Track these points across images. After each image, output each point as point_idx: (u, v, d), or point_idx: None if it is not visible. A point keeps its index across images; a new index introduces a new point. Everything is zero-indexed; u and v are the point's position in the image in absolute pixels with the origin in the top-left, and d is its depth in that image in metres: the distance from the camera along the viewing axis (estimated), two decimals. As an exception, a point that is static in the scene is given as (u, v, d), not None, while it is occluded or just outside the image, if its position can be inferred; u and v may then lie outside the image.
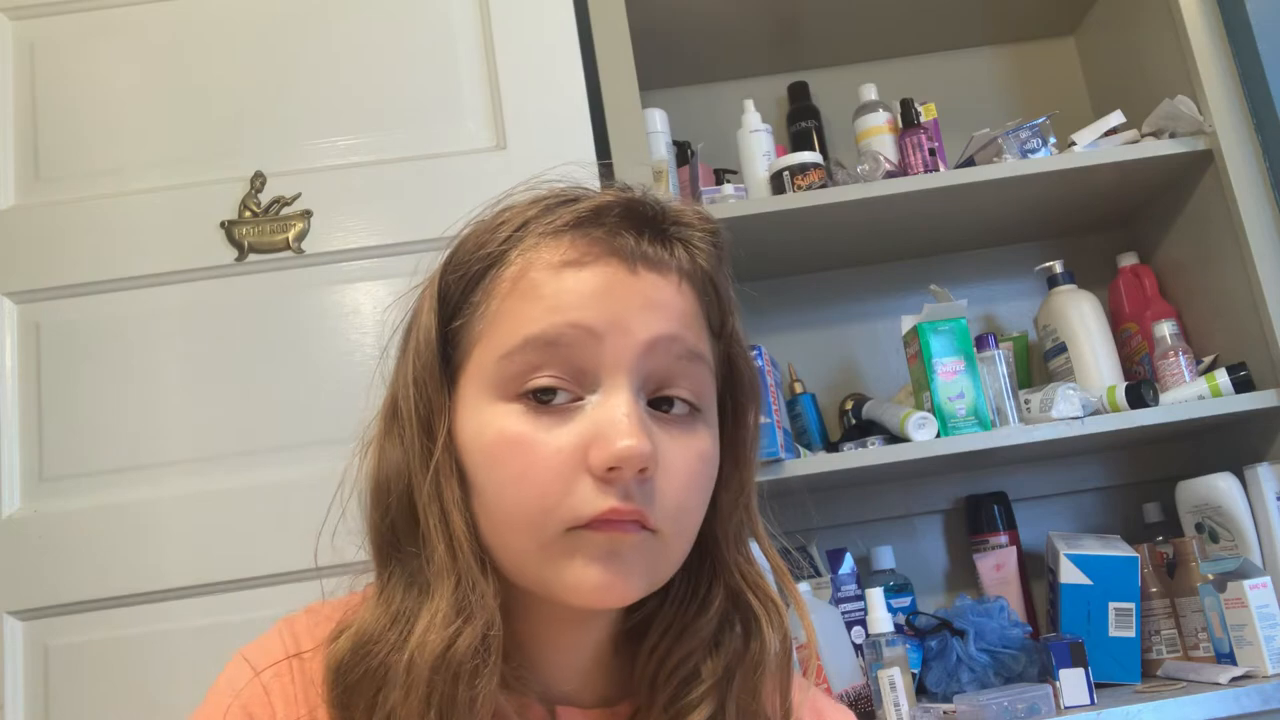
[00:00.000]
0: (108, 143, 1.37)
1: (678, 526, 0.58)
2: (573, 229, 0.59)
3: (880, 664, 1.28)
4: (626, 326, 0.57)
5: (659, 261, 0.59)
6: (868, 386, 1.73)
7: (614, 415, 0.55)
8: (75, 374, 1.31)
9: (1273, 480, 1.43)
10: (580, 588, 0.55)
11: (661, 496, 0.56)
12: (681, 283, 0.60)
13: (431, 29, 1.42)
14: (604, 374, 0.56)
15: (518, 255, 0.59)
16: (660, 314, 0.58)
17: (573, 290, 0.57)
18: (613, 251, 0.58)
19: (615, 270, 0.58)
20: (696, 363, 0.59)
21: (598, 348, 0.56)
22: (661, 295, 0.58)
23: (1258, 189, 1.48)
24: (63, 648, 1.24)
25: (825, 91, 1.80)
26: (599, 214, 0.59)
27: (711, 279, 0.62)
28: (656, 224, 0.61)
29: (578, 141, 1.38)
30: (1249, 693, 1.25)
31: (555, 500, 0.55)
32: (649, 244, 0.59)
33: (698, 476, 0.59)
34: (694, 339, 0.59)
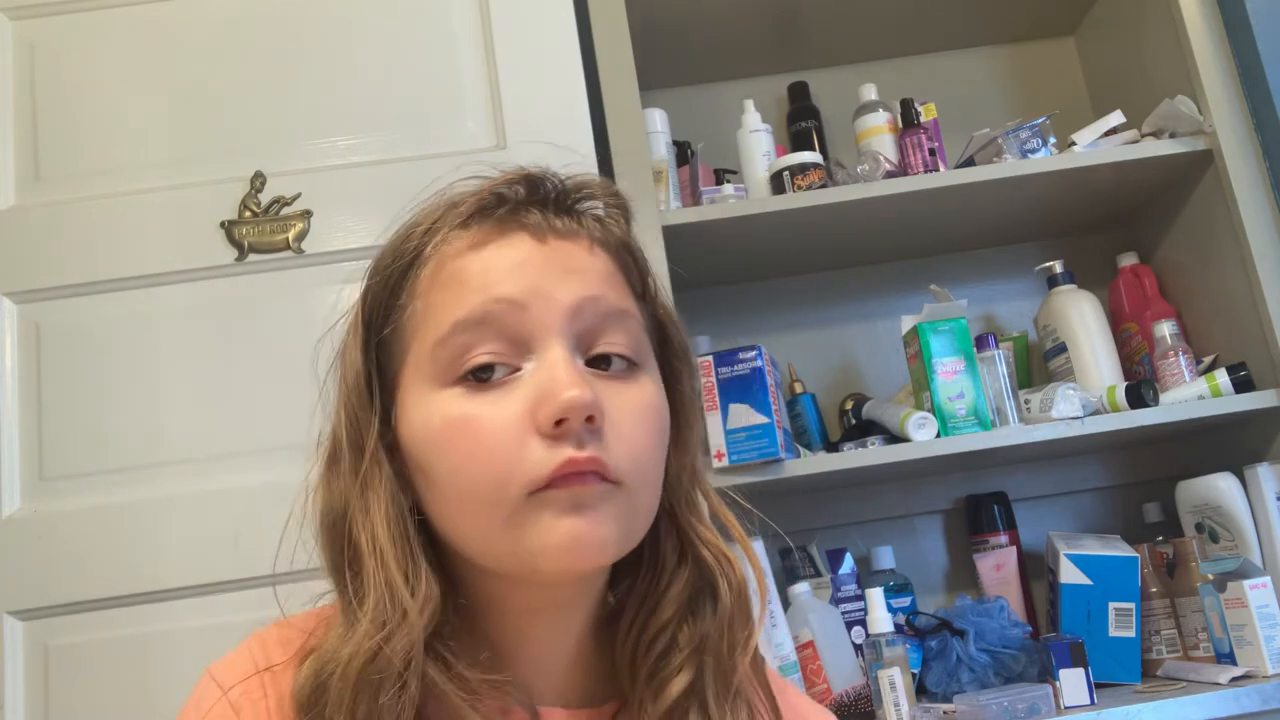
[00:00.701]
0: (108, 143, 1.38)
1: (639, 475, 0.58)
2: (479, 215, 0.61)
3: (880, 664, 1.28)
4: (548, 293, 0.58)
5: (568, 231, 0.61)
6: (868, 386, 1.73)
7: (552, 373, 0.56)
8: (75, 374, 1.31)
9: (1273, 480, 1.43)
10: (551, 544, 0.55)
11: (616, 445, 0.57)
12: (594, 247, 0.62)
13: (431, 29, 1.42)
14: (535, 341, 0.57)
15: (432, 251, 0.61)
16: (578, 277, 0.59)
17: (491, 268, 0.59)
18: (521, 227, 0.60)
19: (526, 243, 0.60)
20: (625, 318, 0.60)
21: (524, 317, 0.57)
22: (576, 261, 0.60)
23: (1258, 189, 1.48)
24: (63, 648, 1.24)
25: (825, 91, 1.80)
26: (500, 197, 0.61)
27: (625, 244, 0.64)
28: (561, 200, 0.63)
29: (578, 141, 1.38)
30: (1249, 693, 1.25)
31: (510, 468, 0.55)
32: (555, 217, 0.61)
33: (647, 423, 0.60)
34: (616, 297, 0.61)
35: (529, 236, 0.60)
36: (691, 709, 0.62)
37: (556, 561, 0.55)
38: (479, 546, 0.58)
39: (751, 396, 1.36)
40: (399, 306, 0.61)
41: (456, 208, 0.61)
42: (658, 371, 0.64)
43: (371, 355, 0.62)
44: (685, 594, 0.64)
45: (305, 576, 0.66)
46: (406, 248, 0.62)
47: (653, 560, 0.65)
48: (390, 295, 0.62)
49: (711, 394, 1.37)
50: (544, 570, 0.56)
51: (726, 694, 0.63)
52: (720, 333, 1.70)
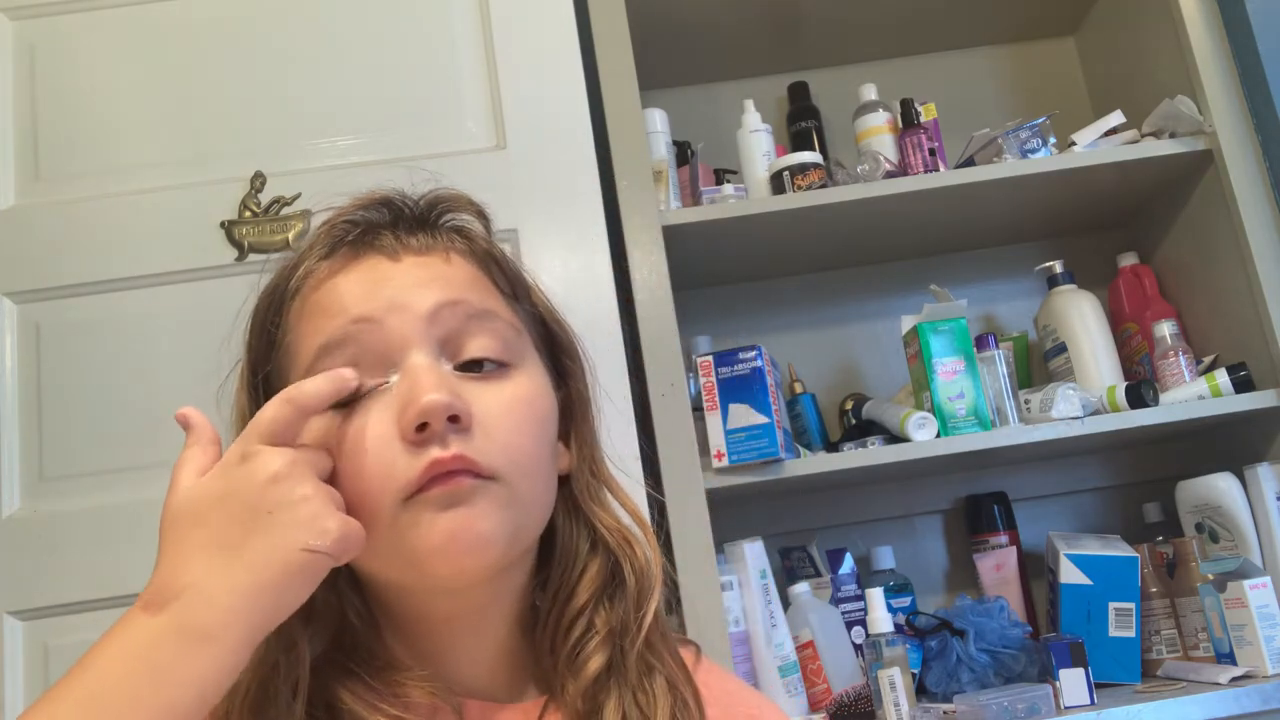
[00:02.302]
0: (108, 143, 1.38)
1: (516, 468, 0.59)
2: (337, 246, 0.62)
3: (880, 664, 1.28)
4: (403, 304, 0.59)
5: (422, 248, 0.62)
6: (868, 386, 1.73)
7: (412, 380, 0.57)
8: (75, 374, 1.31)
9: (1273, 480, 1.43)
10: (432, 544, 0.56)
11: (486, 441, 0.58)
12: (451, 256, 0.63)
13: (431, 29, 1.42)
14: (396, 353, 0.59)
15: (296, 284, 0.63)
16: (434, 286, 0.61)
17: (346, 291, 0.60)
18: (375, 250, 0.62)
19: (379, 262, 0.61)
20: (489, 319, 0.61)
21: (383, 332, 0.59)
22: (431, 271, 0.61)
23: (1258, 189, 1.48)
24: (63, 648, 1.24)
25: (825, 91, 1.80)
26: (354, 224, 0.63)
27: (486, 250, 0.65)
28: (416, 218, 0.64)
29: (578, 141, 1.38)
30: (1249, 693, 1.25)
31: (383, 478, 0.56)
32: (409, 236, 0.63)
33: (521, 417, 0.60)
34: (480, 299, 0.62)
35: (383, 258, 0.61)
36: (610, 689, 0.63)
37: (443, 560, 0.57)
38: (375, 563, 0.60)
39: (751, 396, 1.36)
40: (274, 344, 0.63)
41: (315, 242, 0.63)
42: (540, 368, 0.65)
43: (259, 395, 0.64)
44: (598, 580, 0.66)
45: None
46: (277, 286, 0.64)
47: (564, 551, 0.67)
48: (266, 334, 0.64)
49: (711, 394, 1.37)
50: (437, 572, 0.57)
51: (647, 673, 0.65)
52: (720, 333, 1.70)
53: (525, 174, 1.36)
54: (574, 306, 1.30)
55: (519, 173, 1.36)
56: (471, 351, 0.60)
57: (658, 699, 0.64)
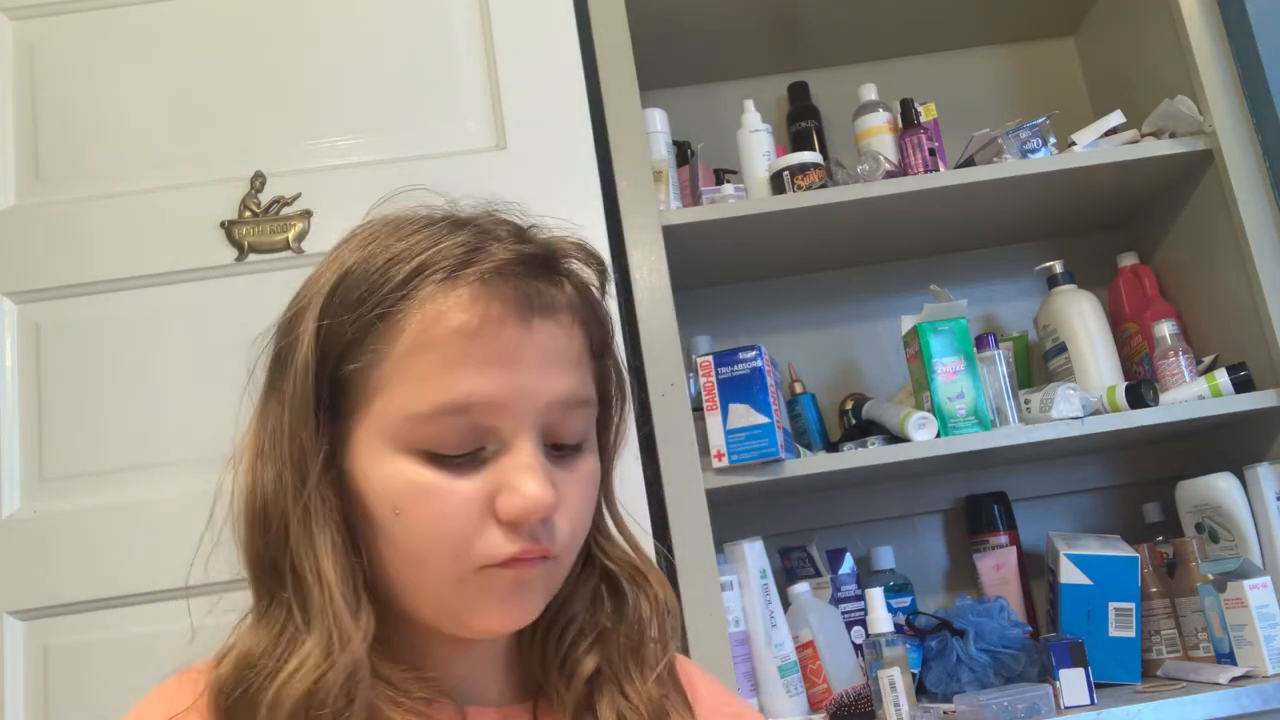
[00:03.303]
0: (108, 143, 1.38)
1: (575, 544, 0.63)
2: (463, 278, 0.59)
3: (880, 664, 1.28)
4: (528, 391, 0.59)
5: (550, 305, 0.61)
6: (868, 386, 1.73)
7: (518, 471, 0.58)
8: (75, 374, 1.31)
9: (1273, 480, 1.43)
10: (489, 618, 0.60)
11: (561, 529, 0.61)
12: (573, 323, 0.63)
13: (431, 29, 1.42)
14: (506, 431, 0.59)
15: (416, 309, 0.59)
16: (556, 371, 0.61)
17: (475, 356, 0.58)
18: (508, 305, 0.59)
19: (513, 329, 0.59)
20: (586, 407, 0.63)
21: (502, 412, 0.59)
22: (556, 345, 0.61)
23: (1258, 189, 1.48)
24: (63, 648, 1.24)
25: (825, 91, 1.80)
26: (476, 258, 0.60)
27: (594, 307, 0.65)
28: (545, 262, 0.62)
29: (578, 141, 1.38)
30: (1249, 693, 1.25)
31: (467, 544, 0.58)
32: (540, 284, 0.61)
33: (589, 501, 0.64)
34: (583, 385, 0.63)
35: (516, 319, 0.59)
36: (603, 692, 0.66)
37: (490, 629, 0.61)
38: (418, 600, 0.61)
39: (751, 396, 1.36)
40: (369, 350, 0.59)
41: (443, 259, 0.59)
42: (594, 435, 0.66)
43: (324, 384, 0.60)
44: (588, 594, 0.68)
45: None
46: (383, 289, 0.59)
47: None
48: (358, 334, 0.59)
49: (711, 394, 1.37)
50: (474, 631, 0.61)
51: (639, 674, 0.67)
52: (720, 333, 1.70)
53: (525, 174, 1.36)
54: (574, 306, 1.31)
55: (519, 173, 1.36)
56: (565, 438, 0.62)
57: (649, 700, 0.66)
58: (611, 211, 1.39)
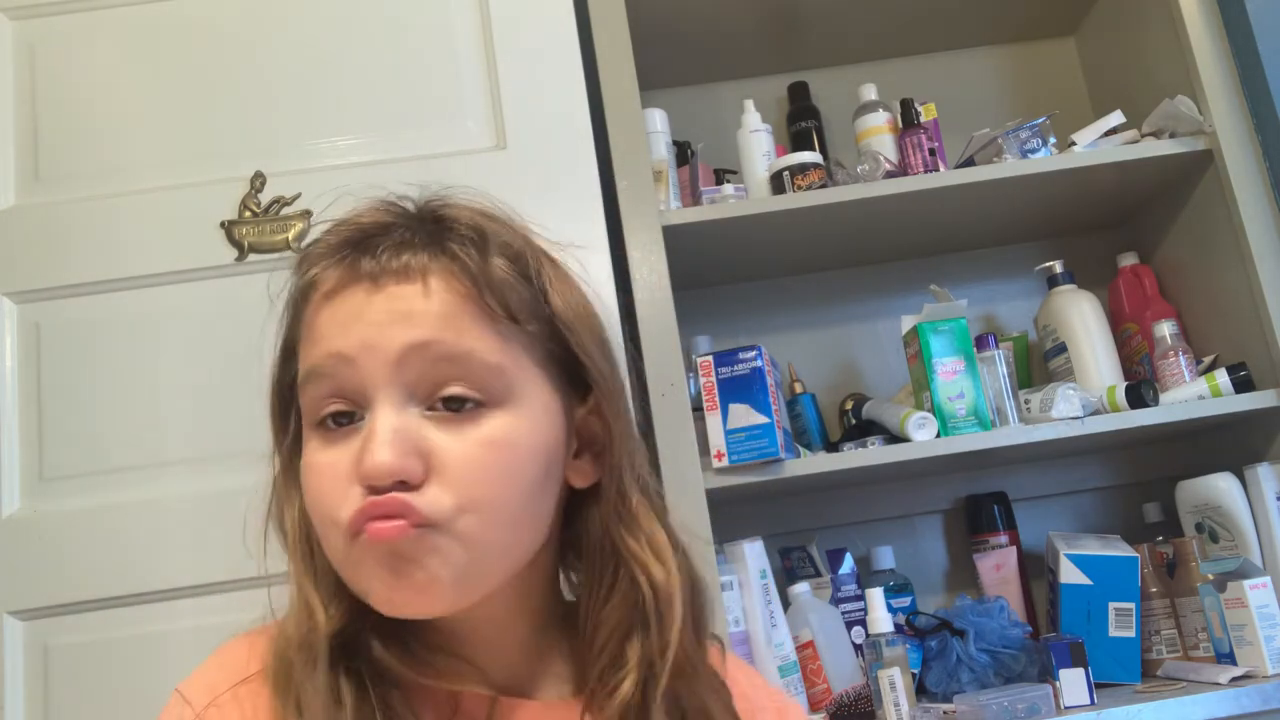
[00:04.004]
0: (107, 143, 1.37)
1: (476, 518, 0.58)
2: (336, 259, 0.62)
3: (880, 664, 1.28)
4: (374, 345, 0.59)
5: (403, 272, 0.60)
6: (868, 386, 1.73)
7: (369, 433, 0.58)
8: (75, 374, 1.31)
9: (1273, 480, 1.43)
10: (375, 594, 0.58)
11: (439, 493, 0.57)
12: (430, 284, 0.60)
13: (431, 29, 1.42)
14: (367, 394, 0.59)
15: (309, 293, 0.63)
16: (406, 324, 0.59)
17: (328, 321, 0.61)
18: (360, 274, 0.61)
19: (362, 293, 0.60)
20: (464, 360, 0.60)
21: (355, 371, 0.59)
22: (407, 305, 0.60)
23: (1258, 189, 1.48)
24: (63, 648, 1.24)
25: (825, 91, 1.80)
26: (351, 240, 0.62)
27: (481, 272, 0.61)
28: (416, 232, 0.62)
29: (578, 141, 1.38)
30: (1249, 693, 1.25)
31: (334, 510, 0.58)
32: (395, 256, 0.61)
33: (485, 464, 0.59)
34: (455, 337, 0.60)
35: (366, 284, 0.60)
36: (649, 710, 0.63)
37: (387, 609, 0.59)
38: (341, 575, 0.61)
39: (751, 396, 1.36)
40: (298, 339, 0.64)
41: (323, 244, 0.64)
42: (540, 397, 0.63)
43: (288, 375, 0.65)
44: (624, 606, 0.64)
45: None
46: (295, 281, 0.65)
47: (590, 567, 0.66)
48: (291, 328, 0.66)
49: (711, 394, 1.37)
50: (387, 611, 0.59)
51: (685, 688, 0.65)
52: (720, 333, 1.70)
53: (525, 174, 1.36)
54: (574, 306, 1.30)
55: (519, 173, 1.36)
56: (445, 393, 0.59)
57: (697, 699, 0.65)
58: (611, 211, 1.39)
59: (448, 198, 0.66)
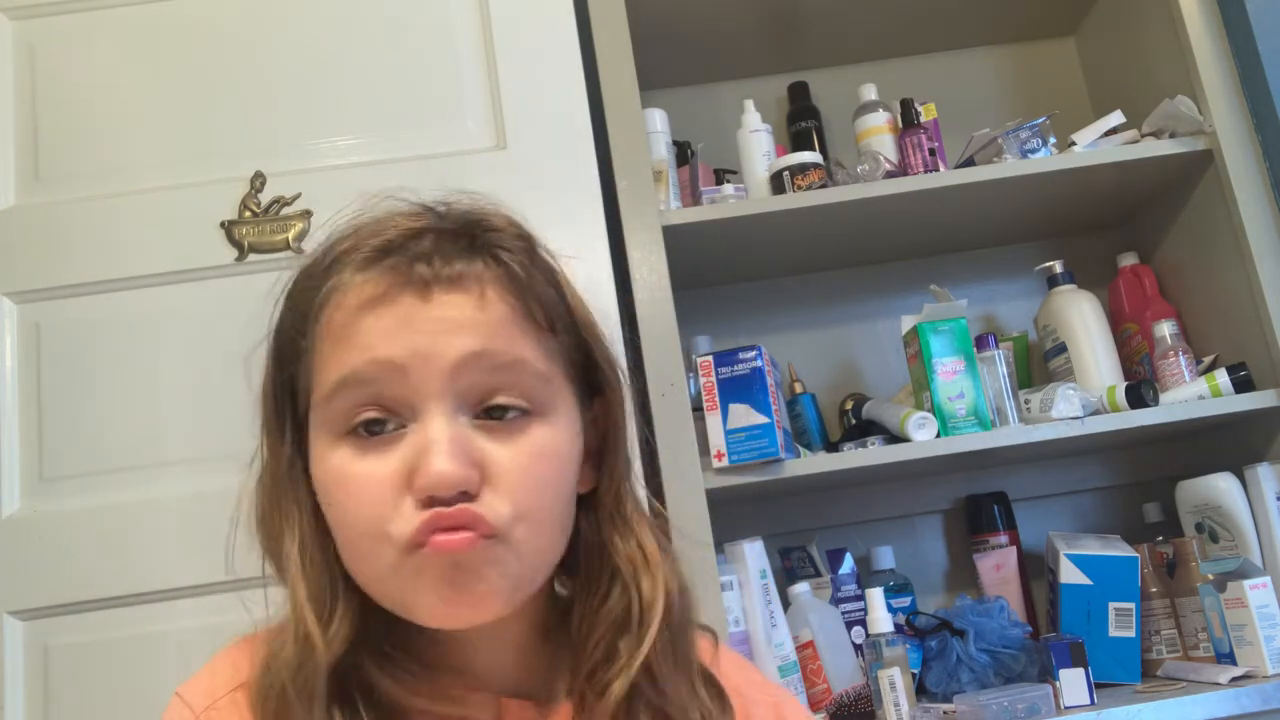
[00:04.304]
0: (107, 143, 1.37)
1: (527, 527, 0.59)
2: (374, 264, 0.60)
3: (880, 664, 1.28)
4: (428, 354, 0.58)
5: (455, 280, 0.60)
6: (868, 386, 1.73)
7: (426, 444, 0.57)
8: (75, 374, 1.31)
9: (1273, 480, 1.43)
10: (428, 608, 0.58)
11: (497, 499, 0.58)
12: (485, 293, 0.60)
13: (431, 29, 1.42)
14: (417, 403, 0.58)
15: (328, 294, 0.61)
16: (462, 333, 0.59)
17: (373, 328, 0.59)
18: (407, 282, 0.59)
19: (410, 302, 0.59)
20: (517, 369, 0.60)
21: (405, 380, 0.58)
22: (461, 314, 0.59)
23: (1258, 189, 1.48)
24: (63, 648, 1.24)
25: (825, 91, 1.80)
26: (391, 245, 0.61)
27: (527, 282, 0.62)
28: (455, 238, 0.62)
29: (578, 141, 1.38)
30: (1249, 693, 1.25)
31: (383, 525, 0.57)
32: (445, 264, 0.60)
33: (535, 474, 0.60)
34: (506, 346, 0.60)
35: (413, 292, 0.59)
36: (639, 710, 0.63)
37: (437, 619, 0.58)
38: (373, 594, 0.60)
39: (751, 396, 1.36)
40: (304, 349, 0.62)
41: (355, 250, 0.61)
42: (569, 405, 0.64)
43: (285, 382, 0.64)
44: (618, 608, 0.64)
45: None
46: (310, 285, 0.62)
47: (587, 571, 0.66)
48: (296, 334, 0.63)
49: (711, 394, 1.37)
50: (429, 623, 0.58)
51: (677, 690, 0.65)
52: (720, 333, 1.70)
53: (525, 174, 1.36)
54: (574, 306, 1.30)
55: (519, 173, 1.36)
56: (495, 402, 0.59)
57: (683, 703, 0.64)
58: (611, 211, 1.39)
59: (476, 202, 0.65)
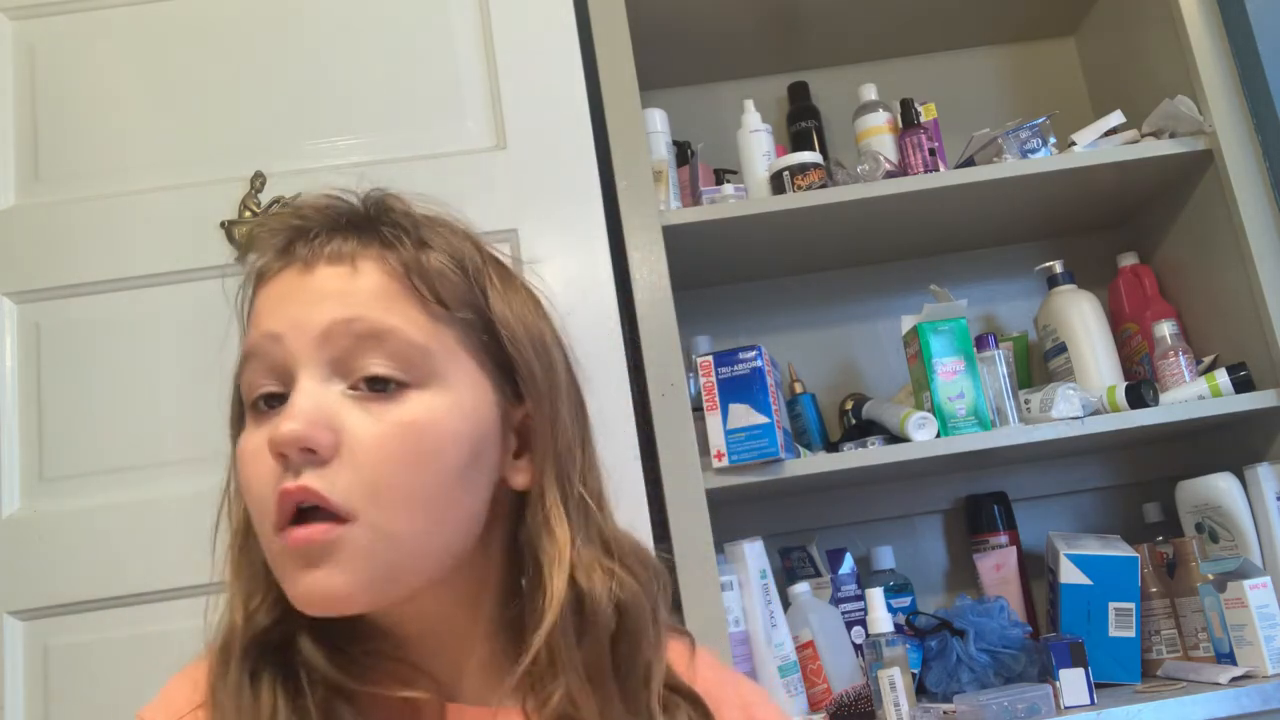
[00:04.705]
0: (107, 143, 1.37)
1: (384, 506, 0.57)
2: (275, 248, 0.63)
3: (880, 664, 1.28)
4: (301, 322, 0.59)
5: (336, 256, 0.61)
6: (868, 386, 1.73)
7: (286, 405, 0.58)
8: (75, 374, 1.31)
9: (1273, 480, 1.43)
10: (296, 597, 0.57)
11: (349, 471, 0.57)
12: (361, 266, 0.61)
13: (431, 29, 1.42)
14: (292, 371, 0.59)
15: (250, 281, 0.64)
16: (332, 301, 0.60)
17: (263, 304, 0.62)
18: (295, 259, 0.62)
19: (294, 274, 0.61)
20: (388, 337, 0.59)
21: (282, 348, 0.59)
22: (335, 284, 0.60)
23: (1258, 189, 1.48)
24: (63, 648, 1.24)
25: (825, 91, 1.80)
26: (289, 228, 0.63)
27: (412, 257, 0.62)
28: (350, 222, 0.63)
29: (578, 141, 1.38)
30: (1249, 693, 1.25)
31: (260, 499, 0.58)
32: (329, 242, 0.62)
33: (397, 446, 0.58)
34: (379, 315, 0.59)
35: (299, 266, 0.61)
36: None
37: (303, 608, 0.58)
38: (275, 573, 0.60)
39: (751, 396, 1.36)
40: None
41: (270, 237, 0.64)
42: (469, 383, 0.62)
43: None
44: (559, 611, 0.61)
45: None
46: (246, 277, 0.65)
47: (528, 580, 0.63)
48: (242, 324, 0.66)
49: (711, 394, 1.37)
50: (301, 609, 0.58)
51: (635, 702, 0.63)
52: (720, 333, 1.70)
53: (525, 174, 1.36)
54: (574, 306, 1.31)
55: (519, 173, 1.36)
56: (365, 370, 0.59)
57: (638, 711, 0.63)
58: (611, 211, 1.39)
59: (391, 191, 0.66)
